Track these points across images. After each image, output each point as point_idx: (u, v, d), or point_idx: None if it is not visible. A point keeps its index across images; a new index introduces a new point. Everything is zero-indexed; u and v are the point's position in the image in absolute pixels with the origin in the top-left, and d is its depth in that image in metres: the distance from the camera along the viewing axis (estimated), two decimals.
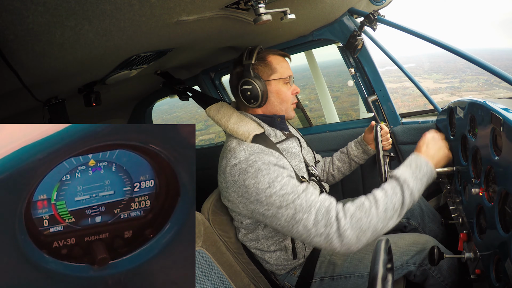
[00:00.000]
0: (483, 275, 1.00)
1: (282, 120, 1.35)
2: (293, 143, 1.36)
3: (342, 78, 10.73)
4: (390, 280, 0.60)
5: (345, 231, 1.02)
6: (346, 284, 1.32)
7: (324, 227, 1.04)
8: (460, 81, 30.08)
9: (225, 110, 1.33)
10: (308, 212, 1.06)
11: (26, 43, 0.68)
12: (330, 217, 1.04)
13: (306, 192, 1.10)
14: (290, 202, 1.07)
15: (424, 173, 1.09)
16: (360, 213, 1.03)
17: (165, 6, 0.78)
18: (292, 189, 1.09)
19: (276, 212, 1.08)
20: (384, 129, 1.51)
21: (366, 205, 1.05)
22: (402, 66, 1.68)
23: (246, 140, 1.21)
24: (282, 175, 1.11)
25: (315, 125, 2.07)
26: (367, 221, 1.02)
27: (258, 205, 1.11)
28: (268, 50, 1.34)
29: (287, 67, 1.34)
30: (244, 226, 1.32)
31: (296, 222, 1.06)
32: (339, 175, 1.65)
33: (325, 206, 1.06)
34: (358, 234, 1.03)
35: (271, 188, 1.08)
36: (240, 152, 1.17)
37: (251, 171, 1.11)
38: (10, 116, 1.34)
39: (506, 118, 0.91)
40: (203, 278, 1.17)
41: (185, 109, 14.08)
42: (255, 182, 1.10)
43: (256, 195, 1.10)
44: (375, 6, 1.61)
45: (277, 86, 1.30)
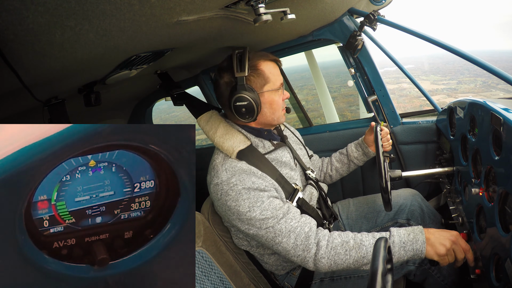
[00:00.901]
0: (483, 275, 1.00)
1: (268, 133, 1.31)
2: (283, 151, 1.33)
3: (340, 79, 10.72)
4: (390, 281, 0.60)
5: (322, 258, 1.10)
6: (346, 284, 1.32)
7: (302, 251, 1.12)
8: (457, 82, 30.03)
9: (213, 121, 1.31)
10: (287, 236, 1.12)
11: (26, 43, 0.68)
12: (308, 243, 1.12)
13: (286, 218, 1.14)
14: (269, 226, 1.13)
15: (415, 250, 1.06)
16: (341, 249, 1.10)
17: (165, 6, 0.78)
18: (272, 214, 1.13)
19: (257, 232, 1.15)
20: (384, 130, 1.51)
21: (350, 245, 1.10)
22: (402, 66, 1.68)
23: (231, 156, 1.21)
24: (261, 200, 1.13)
25: (314, 125, 2.07)
26: (344, 258, 1.09)
27: (240, 224, 1.16)
28: (258, 55, 1.25)
29: (278, 74, 1.27)
30: (235, 232, 1.33)
31: (276, 243, 1.14)
32: (337, 176, 1.65)
33: (305, 232, 1.13)
34: (331, 264, 1.11)
35: (251, 212, 1.12)
36: (222, 173, 1.18)
37: (232, 194, 1.14)
38: (10, 116, 1.34)
39: (506, 118, 0.91)
40: (203, 278, 1.17)
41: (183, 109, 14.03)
42: (236, 205, 1.13)
43: (238, 216, 1.15)
44: (375, 6, 1.61)
45: (270, 96, 1.24)
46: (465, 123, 1.24)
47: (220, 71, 1.26)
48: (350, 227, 1.55)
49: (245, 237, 1.32)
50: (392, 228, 1.11)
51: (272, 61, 1.27)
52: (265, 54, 1.28)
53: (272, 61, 1.27)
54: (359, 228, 1.53)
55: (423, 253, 1.06)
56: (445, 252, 1.05)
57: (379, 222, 1.51)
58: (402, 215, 1.47)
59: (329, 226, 1.38)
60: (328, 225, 1.37)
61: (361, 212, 1.56)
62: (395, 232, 1.09)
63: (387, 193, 1.22)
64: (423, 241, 1.06)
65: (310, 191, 1.36)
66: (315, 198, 1.38)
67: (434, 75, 32.72)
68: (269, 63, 1.26)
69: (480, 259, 1.03)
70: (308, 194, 1.35)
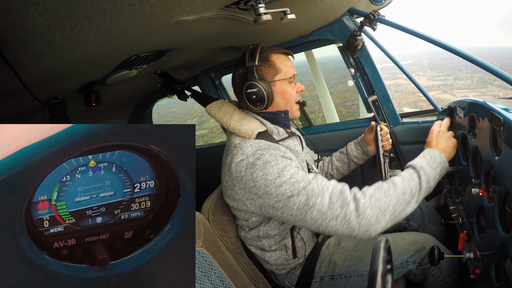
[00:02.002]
0: (483, 275, 1.00)
1: (285, 116, 1.33)
2: (294, 141, 1.36)
3: (338, 75, 10.70)
4: (390, 281, 0.60)
5: (365, 210, 1.00)
6: (347, 283, 1.33)
7: (341, 208, 1.02)
8: (454, 78, 29.92)
9: (226, 108, 1.33)
10: (321, 195, 1.04)
11: (26, 43, 0.68)
12: (345, 197, 1.03)
13: (316, 178, 1.10)
14: (301, 188, 1.06)
15: (438, 163, 1.14)
16: (379, 193, 1.04)
17: (165, 6, 0.78)
18: (302, 177, 1.09)
19: (288, 201, 1.07)
20: (384, 130, 1.51)
21: (384, 187, 1.06)
22: (401, 65, 1.68)
23: (250, 138, 1.22)
24: (290, 165, 1.12)
25: (313, 125, 2.07)
26: (386, 201, 1.02)
27: (268, 198, 1.10)
28: (271, 49, 1.32)
29: (291, 66, 1.32)
30: (248, 224, 1.32)
31: (310, 208, 1.04)
32: (338, 176, 1.65)
33: (339, 189, 1.07)
34: (377, 214, 1.01)
35: (280, 178, 1.08)
36: (247, 148, 1.17)
37: (258, 163, 1.11)
38: (10, 116, 1.34)
39: (506, 118, 0.91)
40: (203, 278, 1.17)
41: (181, 105, 14.04)
42: (263, 174, 1.09)
43: (265, 187, 1.09)
44: (375, 6, 1.61)
45: (282, 86, 1.29)
46: (465, 123, 1.24)
47: (236, 65, 1.32)
48: None
49: (256, 227, 1.29)
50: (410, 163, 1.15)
51: (284, 54, 1.32)
52: (277, 48, 1.34)
53: (284, 54, 1.33)
54: None
55: (446, 162, 1.16)
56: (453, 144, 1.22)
57: None
58: None
59: None
60: None
61: None
62: (416, 163, 1.13)
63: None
64: (439, 154, 1.16)
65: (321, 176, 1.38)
66: None
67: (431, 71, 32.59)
68: (281, 55, 1.31)
69: (480, 259, 1.03)
70: None
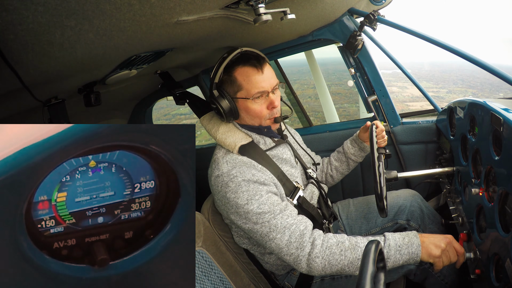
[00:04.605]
0: (483, 275, 1.00)
1: (268, 130, 1.30)
2: (283, 149, 1.35)
3: (335, 76, 10.68)
4: (382, 279, 0.60)
5: (316, 258, 1.08)
6: (347, 283, 1.33)
7: (295, 249, 1.11)
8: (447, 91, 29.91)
9: (214, 120, 1.33)
10: (282, 233, 1.12)
11: (26, 43, 0.68)
12: (303, 241, 1.11)
13: (282, 214, 1.14)
14: (265, 221, 1.13)
15: (409, 253, 1.06)
16: (336, 249, 1.09)
17: (165, 6, 0.78)
18: (269, 209, 1.13)
19: (252, 227, 1.15)
20: (379, 127, 1.47)
21: (345, 245, 1.09)
22: (402, 66, 1.68)
23: (233, 151, 1.23)
24: (260, 193, 1.14)
25: (313, 125, 2.07)
26: (338, 259, 1.08)
27: (237, 217, 1.17)
28: (238, 61, 1.20)
29: (258, 81, 1.19)
30: (236, 230, 1.33)
31: (269, 239, 1.13)
32: (338, 175, 1.63)
33: (300, 230, 1.12)
34: (325, 265, 1.08)
35: (248, 205, 1.13)
36: (223, 165, 1.20)
37: (231, 186, 1.15)
38: (10, 116, 1.34)
39: (506, 118, 0.91)
40: (203, 278, 1.17)
41: None
42: (235, 197, 1.14)
43: (236, 208, 1.15)
44: (375, 6, 1.61)
45: (244, 104, 1.21)
46: (465, 123, 1.24)
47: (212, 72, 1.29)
48: (350, 227, 1.55)
49: (245, 235, 1.32)
50: (386, 233, 1.11)
51: (252, 67, 1.19)
52: (247, 59, 1.20)
53: (253, 67, 1.19)
54: (359, 228, 1.53)
55: (419, 256, 1.05)
56: (439, 253, 1.05)
57: (379, 223, 1.50)
58: (402, 216, 1.47)
59: (329, 225, 1.38)
60: (328, 224, 1.38)
61: (361, 213, 1.56)
62: (390, 236, 1.09)
63: (382, 200, 1.19)
64: (418, 244, 1.06)
65: (311, 189, 1.36)
66: (316, 197, 1.38)
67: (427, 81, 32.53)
68: (248, 69, 1.19)
69: (480, 259, 1.03)
70: (309, 193, 1.35)
